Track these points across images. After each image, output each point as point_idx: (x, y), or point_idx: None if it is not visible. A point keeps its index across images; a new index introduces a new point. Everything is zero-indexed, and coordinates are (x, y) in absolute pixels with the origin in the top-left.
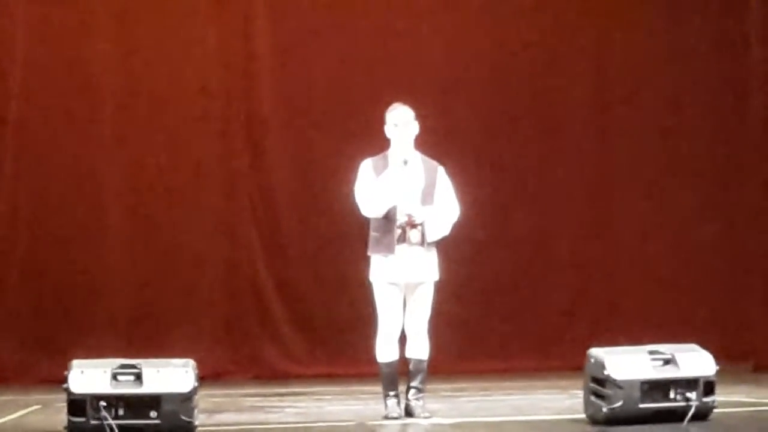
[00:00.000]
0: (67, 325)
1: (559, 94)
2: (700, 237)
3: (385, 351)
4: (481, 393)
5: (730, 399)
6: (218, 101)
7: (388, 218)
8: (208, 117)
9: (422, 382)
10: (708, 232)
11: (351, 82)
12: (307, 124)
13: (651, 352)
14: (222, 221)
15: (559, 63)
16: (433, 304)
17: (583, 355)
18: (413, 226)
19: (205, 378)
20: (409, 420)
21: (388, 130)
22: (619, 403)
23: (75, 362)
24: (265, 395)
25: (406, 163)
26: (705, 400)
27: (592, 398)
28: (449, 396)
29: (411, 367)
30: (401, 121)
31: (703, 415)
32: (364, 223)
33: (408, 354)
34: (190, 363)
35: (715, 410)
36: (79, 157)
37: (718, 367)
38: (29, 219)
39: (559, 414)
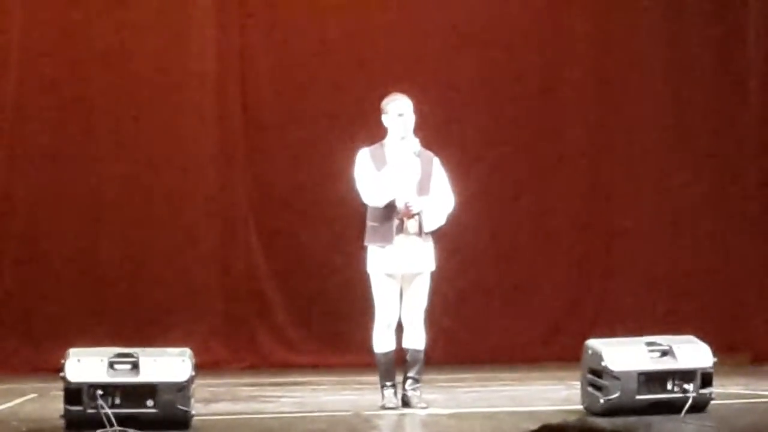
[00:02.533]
0: (63, 314)
1: (561, 91)
2: (698, 230)
3: (382, 341)
4: (478, 383)
5: (727, 391)
6: (214, 89)
7: (387, 209)
8: (204, 105)
9: (419, 372)
10: (706, 225)
11: (348, 71)
12: (303, 113)
13: (648, 344)
14: (218, 212)
15: (561, 58)
16: (429, 294)
17: (581, 346)
18: (411, 216)
19: (201, 367)
20: (405, 410)
21: (389, 119)
22: (617, 395)
23: (72, 351)
24: (261, 385)
25: (418, 154)
26: (702, 391)
27: (590, 389)
28: (446, 386)
29: (408, 357)
30: (406, 111)
31: (700, 406)
32: (362, 212)
33: (405, 344)
34: (187, 352)
35: (713, 402)
36: (74, 147)
37: (715, 359)
38: (23, 208)
39: (556, 405)
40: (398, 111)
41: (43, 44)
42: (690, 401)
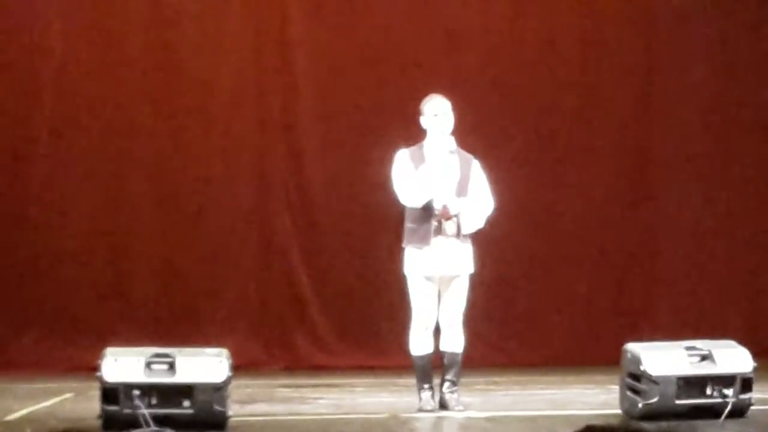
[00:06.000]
0: (101, 314)
1: (602, 86)
2: (743, 233)
3: (420, 344)
4: (516, 387)
5: (767, 396)
6: (253, 90)
7: (425, 210)
8: (243, 105)
9: (456, 375)
10: (751, 229)
11: (386, 72)
12: (342, 114)
13: (688, 348)
14: (256, 211)
15: (602, 52)
16: (467, 296)
17: (620, 349)
18: (449, 218)
19: (238, 368)
20: (443, 413)
21: (426, 120)
22: (655, 399)
23: (109, 350)
24: (298, 386)
25: (452, 152)
26: (742, 396)
27: (628, 393)
28: (484, 389)
29: (445, 360)
30: (441, 111)
31: (739, 412)
32: (399, 214)
33: (442, 347)
34: (224, 352)
35: (752, 407)
36: (113, 151)
37: (755, 364)
38: (58, 206)
39: (594, 409)
40: (434, 111)
41: (81, 55)
42: (729, 406)
